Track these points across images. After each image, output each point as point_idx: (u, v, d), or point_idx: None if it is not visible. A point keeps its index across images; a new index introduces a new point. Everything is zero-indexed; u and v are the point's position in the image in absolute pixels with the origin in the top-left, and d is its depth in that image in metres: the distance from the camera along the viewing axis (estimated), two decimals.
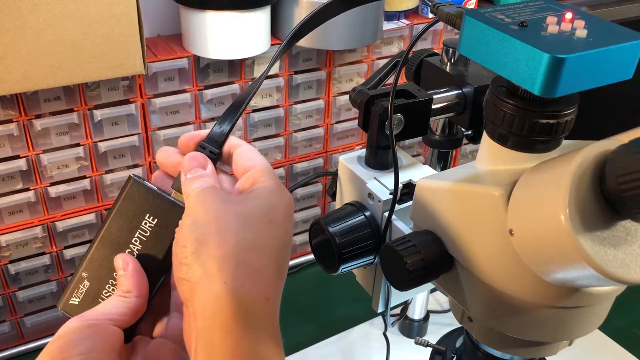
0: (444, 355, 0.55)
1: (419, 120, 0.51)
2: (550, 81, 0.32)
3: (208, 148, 0.41)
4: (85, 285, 0.42)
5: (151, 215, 0.41)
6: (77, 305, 0.43)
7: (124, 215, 0.42)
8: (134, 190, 0.42)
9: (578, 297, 0.37)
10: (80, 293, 0.43)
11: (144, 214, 0.41)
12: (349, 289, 0.93)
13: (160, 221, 0.41)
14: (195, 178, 0.39)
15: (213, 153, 0.41)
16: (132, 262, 0.41)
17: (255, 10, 0.74)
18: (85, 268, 0.42)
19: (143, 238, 0.42)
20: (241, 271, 0.35)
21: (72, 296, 0.43)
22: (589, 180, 0.31)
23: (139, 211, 0.41)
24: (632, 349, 0.86)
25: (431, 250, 0.41)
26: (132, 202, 0.42)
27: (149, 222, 0.42)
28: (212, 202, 0.37)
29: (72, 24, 0.64)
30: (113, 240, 0.42)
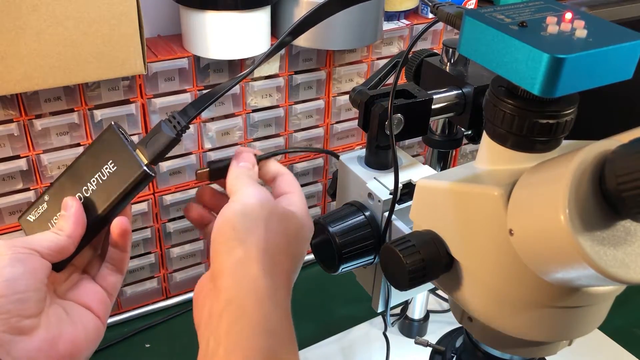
0: (444, 355, 0.55)
1: (419, 120, 0.51)
2: (550, 81, 0.32)
3: (177, 119, 0.45)
4: (44, 207, 0.46)
5: (113, 162, 0.44)
6: (31, 222, 0.47)
7: (93, 155, 0.45)
8: (108, 135, 0.45)
9: (578, 297, 0.37)
10: (37, 212, 0.46)
11: (108, 158, 0.45)
12: (349, 289, 0.93)
13: (117, 169, 0.44)
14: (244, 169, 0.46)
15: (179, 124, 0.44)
16: (75, 206, 0.44)
17: (255, 10, 0.74)
18: (49, 192, 0.46)
19: (99, 180, 0.45)
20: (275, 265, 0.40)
21: (31, 213, 0.47)
22: (588, 180, 0.31)
23: (105, 155, 0.45)
24: (632, 349, 0.86)
25: (431, 250, 0.41)
26: (103, 146, 0.45)
27: (109, 168, 0.44)
28: (266, 204, 0.42)
29: (72, 24, 0.64)
30: (77, 174, 0.45)
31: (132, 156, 0.44)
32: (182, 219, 0.88)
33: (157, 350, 0.86)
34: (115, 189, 0.44)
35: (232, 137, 0.85)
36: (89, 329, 0.45)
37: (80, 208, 0.44)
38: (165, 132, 0.44)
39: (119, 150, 0.44)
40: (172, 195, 0.84)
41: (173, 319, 0.91)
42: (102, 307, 0.46)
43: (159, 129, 0.44)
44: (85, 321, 0.45)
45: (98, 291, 0.47)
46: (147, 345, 0.86)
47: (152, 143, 0.44)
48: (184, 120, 0.44)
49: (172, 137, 0.44)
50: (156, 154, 0.44)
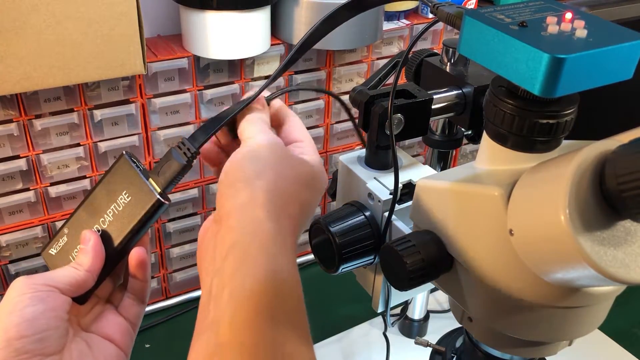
0: (444, 355, 0.55)
1: (419, 120, 0.51)
2: (550, 81, 0.32)
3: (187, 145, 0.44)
4: (64, 240, 0.46)
5: (127, 192, 0.45)
6: (53, 256, 0.47)
7: (107, 186, 0.45)
8: (121, 166, 0.45)
9: (578, 297, 0.37)
10: (58, 246, 0.47)
11: (122, 189, 0.45)
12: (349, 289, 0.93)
13: (132, 199, 0.44)
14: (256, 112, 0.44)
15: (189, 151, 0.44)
16: (93, 239, 0.44)
17: (255, 10, 0.74)
18: (68, 225, 0.47)
19: (115, 211, 0.45)
20: (283, 210, 0.39)
21: (52, 247, 0.47)
22: (589, 180, 0.31)
23: (119, 186, 0.45)
24: (632, 349, 0.86)
25: (431, 250, 0.41)
26: (116, 176, 0.45)
27: (124, 198, 0.45)
28: (278, 149, 0.41)
29: (72, 24, 0.64)
30: (93, 206, 0.46)
31: (145, 185, 0.44)
32: (182, 219, 0.88)
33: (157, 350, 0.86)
34: (131, 219, 0.44)
35: None
36: None
37: (98, 241, 0.44)
38: (176, 160, 0.44)
39: (132, 180, 0.44)
40: (171, 196, 0.84)
41: (173, 319, 0.91)
42: (125, 339, 0.46)
43: (170, 156, 0.44)
44: (108, 354, 0.44)
45: (121, 323, 0.46)
46: (147, 345, 0.86)
47: (164, 171, 0.44)
48: (193, 147, 0.44)
49: (183, 164, 0.44)
50: (168, 182, 0.44)
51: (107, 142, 0.77)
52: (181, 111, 0.80)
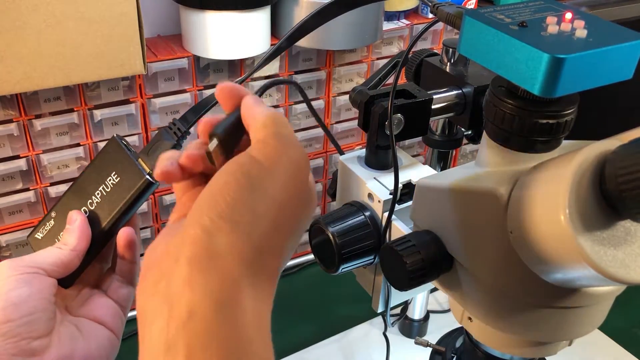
0: (444, 355, 0.55)
1: (419, 120, 0.51)
2: (550, 81, 0.32)
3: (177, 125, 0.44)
4: (51, 224, 0.46)
5: (116, 173, 0.44)
6: (39, 240, 0.46)
7: (96, 169, 0.45)
8: (111, 147, 0.45)
9: (578, 297, 0.37)
10: (45, 230, 0.46)
11: (111, 170, 0.44)
12: (349, 289, 0.93)
13: (120, 180, 0.44)
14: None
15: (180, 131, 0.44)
16: (80, 219, 0.44)
17: (255, 10, 0.74)
18: (55, 208, 0.46)
19: (103, 192, 0.45)
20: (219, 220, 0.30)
21: (38, 231, 0.47)
22: (589, 180, 0.31)
23: (108, 167, 0.45)
24: (632, 349, 0.86)
25: (431, 250, 0.41)
26: (106, 158, 0.45)
27: (112, 179, 0.44)
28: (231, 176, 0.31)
29: (72, 24, 0.64)
30: (82, 188, 0.45)
31: (135, 166, 0.44)
32: None
33: None
34: (118, 199, 0.44)
35: None
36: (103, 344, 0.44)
37: (85, 221, 0.44)
38: (165, 140, 0.44)
39: (122, 161, 0.44)
40: (171, 196, 0.84)
41: None
42: (115, 321, 0.45)
43: (160, 136, 0.44)
44: (99, 336, 0.44)
45: (110, 305, 0.46)
46: None
47: (153, 151, 0.44)
48: (183, 126, 0.44)
49: (172, 144, 0.44)
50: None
51: None
52: (181, 111, 0.80)
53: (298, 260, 1.02)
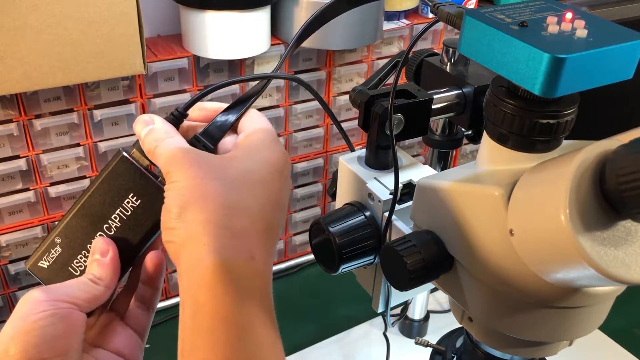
0: (444, 355, 0.55)
1: (419, 120, 0.51)
2: (551, 81, 0.32)
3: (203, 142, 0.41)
4: (57, 251, 0.42)
5: (135, 195, 0.41)
6: (45, 269, 0.43)
7: (107, 189, 0.41)
8: (121, 166, 0.41)
9: (578, 297, 0.37)
10: (50, 257, 0.42)
11: (128, 192, 0.41)
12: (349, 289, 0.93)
13: (143, 203, 0.41)
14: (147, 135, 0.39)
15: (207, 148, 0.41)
16: (112, 250, 0.41)
17: (255, 10, 0.74)
18: (60, 234, 0.42)
19: (123, 217, 0.42)
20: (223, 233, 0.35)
21: (42, 259, 0.43)
22: (589, 180, 0.31)
23: (123, 188, 0.41)
24: (632, 349, 0.86)
25: (431, 250, 0.41)
26: (118, 178, 0.41)
27: (131, 202, 0.41)
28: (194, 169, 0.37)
29: (72, 24, 0.64)
30: (93, 212, 0.42)
31: (156, 185, 0.41)
32: None
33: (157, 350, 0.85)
34: (144, 224, 0.41)
35: None
36: None
37: (116, 252, 0.41)
38: None
39: (138, 181, 0.41)
40: None
41: (173, 319, 0.91)
42: (135, 353, 0.43)
43: None
44: None
45: (129, 335, 0.43)
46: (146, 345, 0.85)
47: None
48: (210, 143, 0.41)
49: None
50: None
51: (107, 142, 0.76)
52: None
53: (298, 260, 1.02)
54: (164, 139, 0.39)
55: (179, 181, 0.36)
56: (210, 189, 0.36)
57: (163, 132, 0.39)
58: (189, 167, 0.37)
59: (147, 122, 0.40)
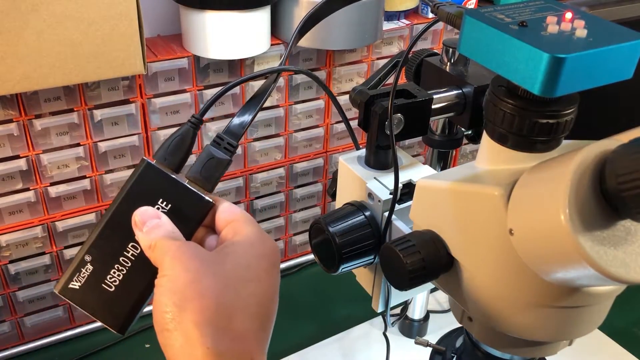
0: (444, 355, 0.55)
1: (419, 120, 0.51)
2: (550, 81, 0.32)
3: (226, 140, 0.42)
4: (88, 269, 0.41)
5: (164, 200, 0.41)
6: (77, 289, 0.41)
7: (134, 199, 0.41)
8: (147, 173, 0.41)
9: (578, 297, 0.37)
10: (82, 277, 0.41)
11: (156, 198, 0.41)
12: (349, 289, 0.93)
13: (173, 207, 0.41)
14: (152, 228, 0.39)
15: (231, 145, 0.41)
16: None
17: (255, 10, 0.74)
18: (89, 251, 0.41)
19: None
20: (223, 336, 0.35)
21: (73, 280, 0.41)
22: (589, 180, 0.31)
23: (151, 195, 0.41)
24: (632, 349, 0.86)
25: (431, 250, 0.41)
26: (144, 186, 0.41)
27: (161, 207, 0.41)
28: (189, 262, 0.36)
29: (72, 24, 0.64)
30: (122, 223, 0.41)
31: (187, 189, 0.41)
32: None
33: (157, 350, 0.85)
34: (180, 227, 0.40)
35: None
36: None
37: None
38: (218, 157, 0.42)
39: (166, 185, 0.41)
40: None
41: None
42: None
43: (211, 154, 0.41)
44: None
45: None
46: (147, 345, 0.86)
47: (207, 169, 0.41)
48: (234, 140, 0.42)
49: (228, 160, 0.42)
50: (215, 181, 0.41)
51: (107, 142, 0.77)
52: (181, 111, 0.80)
53: (298, 260, 1.02)
54: (171, 235, 0.39)
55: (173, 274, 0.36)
56: (207, 287, 0.35)
57: (170, 230, 0.39)
58: (186, 260, 0.36)
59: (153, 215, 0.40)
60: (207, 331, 0.34)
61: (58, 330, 0.86)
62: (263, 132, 0.88)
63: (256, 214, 0.95)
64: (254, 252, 0.38)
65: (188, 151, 0.42)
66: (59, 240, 0.80)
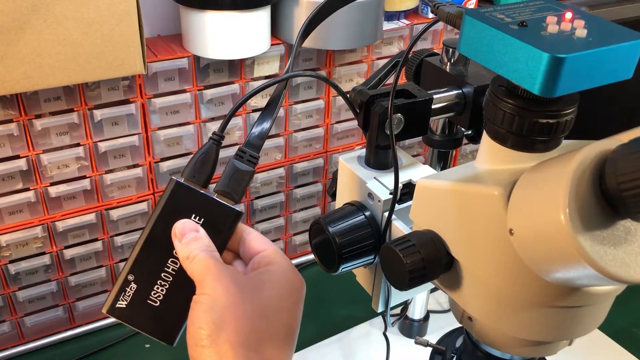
0: (444, 355, 0.55)
1: (419, 120, 0.51)
2: (550, 81, 0.32)
3: (248, 152, 0.44)
4: (133, 288, 0.43)
5: (197, 215, 0.43)
6: (124, 308, 0.43)
7: (169, 215, 0.43)
8: (177, 191, 0.43)
9: (578, 296, 0.37)
10: (127, 296, 0.43)
11: (189, 213, 0.43)
12: (349, 289, 0.93)
13: (207, 220, 0.43)
14: (191, 240, 0.41)
15: (253, 157, 0.44)
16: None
17: (255, 10, 0.74)
18: (131, 270, 0.43)
19: None
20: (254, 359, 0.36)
21: (119, 300, 0.43)
22: (588, 179, 0.31)
23: (184, 211, 0.43)
24: (632, 349, 0.86)
25: (431, 250, 0.41)
26: (177, 202, 0.43)
27: (195, 222, 0.43)
28: (230, 285, 0.38)
29: (72, 24, 0.64)
30: (159, 241, 0.43)
31: (217, 202, 0.43)
32: None
33: (157, 350, 0.86)
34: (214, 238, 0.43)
35: (232, 137, 0.85)
36: None
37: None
38: (242, 169, 0.44)
39: (198, 201, 0.43)
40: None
41: None
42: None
43: (235, 167, 0.44)
44: None
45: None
46: (147, 345, 0.86)
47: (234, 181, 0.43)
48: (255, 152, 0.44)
49: (252, 171, 0.44)
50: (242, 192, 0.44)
51: (107, 142, 0.77)
52: (181, 111, 0.80)
53: (298, 260, 1.02)
54: (208, 250, 0.41)
55: (214, 294, 0.38)
56: (244, 311, 0.37)
57: (207, 244, 0.41)
58: (227, 282, 0.38)
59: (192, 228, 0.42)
60: (241, 352, 0.36)
61: (58, 330, 0.86)
62: None
63: (256, 214, 0.95)
64: (287, 284, 0.40)
65: (213, 167, 0.44)
66: (59, 240, 0.80)
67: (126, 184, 0.81)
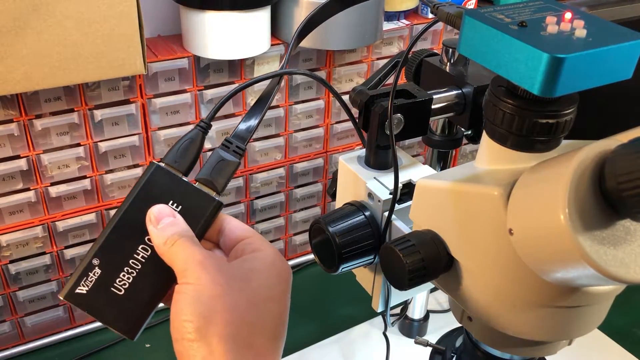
0: (444, 355, 0.55)
1: (419, 120, 0.51)
2: (550, 81, 0.32)
3: (235, 143, 0.43)
4: (96, 273, 0.40)
5: (175, 202, 0.41)
6: (84, 294, 0.40)
7: (144, 200, 0.40)
8: (156, 176, 0.41)
9: (578, 296, 0.37)
10: (89, 281, 0.40)
11: (167, 200, 0.41)
12: (349, 289, 0.93)
13: (184, 208, 0.41)
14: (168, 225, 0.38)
15: (240, 148, 0.42)
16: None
17: (255, 10, 0.74)
18: (97, 254, 0.40)
19: None
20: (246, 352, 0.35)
21: (80, 285, 0.40)
22: (588, 179, 0.31)
23: (161, 197, 0.41)
24: (632, 349, 0.86)
25: (431, 250, 0.41)
26: (154, 187, 0.41)
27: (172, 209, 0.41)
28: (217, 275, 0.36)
29: (72, 24, 0.64)
30: (131, 226, 0.40)
31: (197, 190, 0.41)
32: None
33: (157, 350, 0.86)
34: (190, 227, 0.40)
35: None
36: None
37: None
38: (228, 159, 0.42)
39: (177, 187, 0.41)
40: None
41: None
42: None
43: (220, 156, 0.42)
44: None
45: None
46: (147, 345, 0.86)
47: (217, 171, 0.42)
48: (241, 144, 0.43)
49: (237, 162, 0.42)
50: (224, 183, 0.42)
51: (107, 142, 0.77)
52: (181, 111, 0.80)
53: (298, 260, 1.02)
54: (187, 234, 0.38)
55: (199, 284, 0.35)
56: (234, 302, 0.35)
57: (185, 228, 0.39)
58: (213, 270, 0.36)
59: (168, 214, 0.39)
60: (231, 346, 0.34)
61: (58, 330, 0.86)
62: (263, 132, 0.88)
63: (256, 214, 0.95)
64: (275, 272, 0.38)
65: (197, 154, 0.43)
66: (59, 240, 0.80)
67: (126, 184, 0.81)
